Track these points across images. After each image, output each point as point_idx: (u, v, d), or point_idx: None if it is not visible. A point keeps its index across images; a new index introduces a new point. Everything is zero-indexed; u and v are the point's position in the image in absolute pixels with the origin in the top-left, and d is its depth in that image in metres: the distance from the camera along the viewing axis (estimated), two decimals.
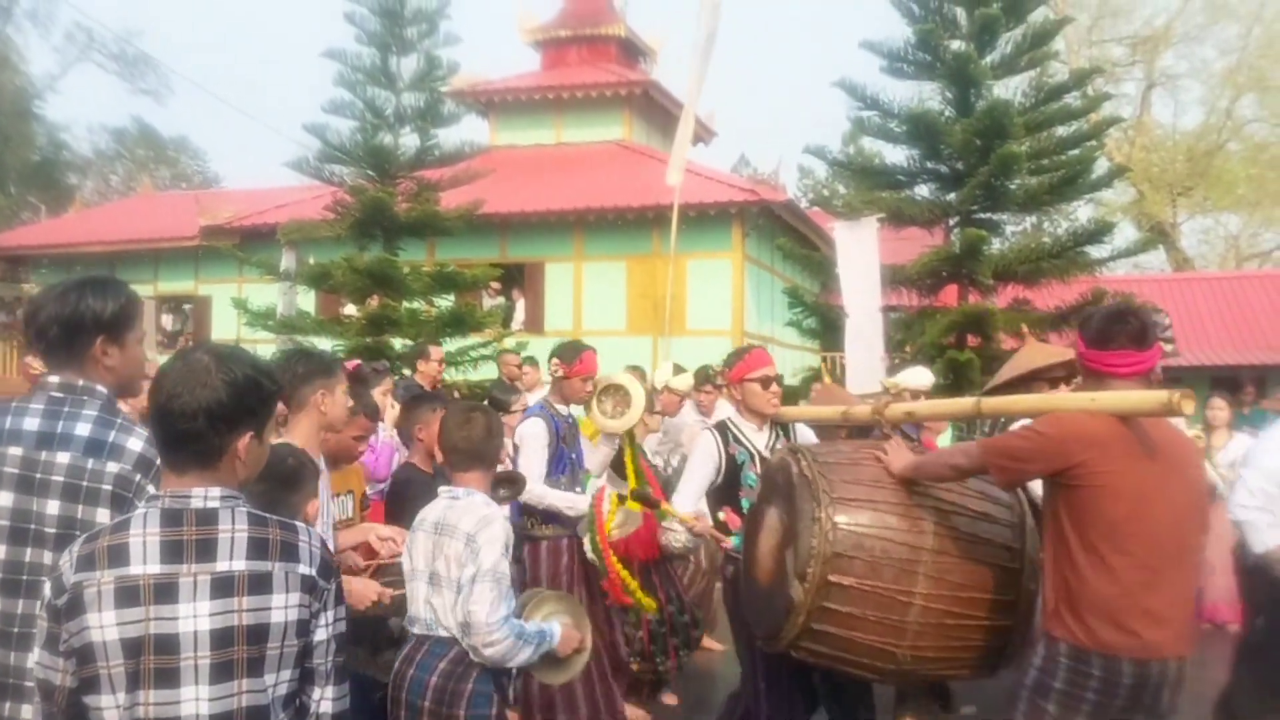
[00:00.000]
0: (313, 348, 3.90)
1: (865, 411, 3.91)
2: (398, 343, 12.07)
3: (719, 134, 22.50)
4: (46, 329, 2.34)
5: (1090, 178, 11.77)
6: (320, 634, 1.93)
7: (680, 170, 5.95)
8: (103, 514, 2.22)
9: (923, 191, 12.00)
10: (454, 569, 3.00)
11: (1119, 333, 2.86)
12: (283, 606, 1.85)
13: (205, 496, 1.86)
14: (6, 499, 2.23)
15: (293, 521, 1.98)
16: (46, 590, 1.84)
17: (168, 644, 1.78)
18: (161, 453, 1.94)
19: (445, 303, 12.89)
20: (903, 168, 11.90)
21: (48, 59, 54.51)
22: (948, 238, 11.58)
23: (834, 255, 10.29)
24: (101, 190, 35.10)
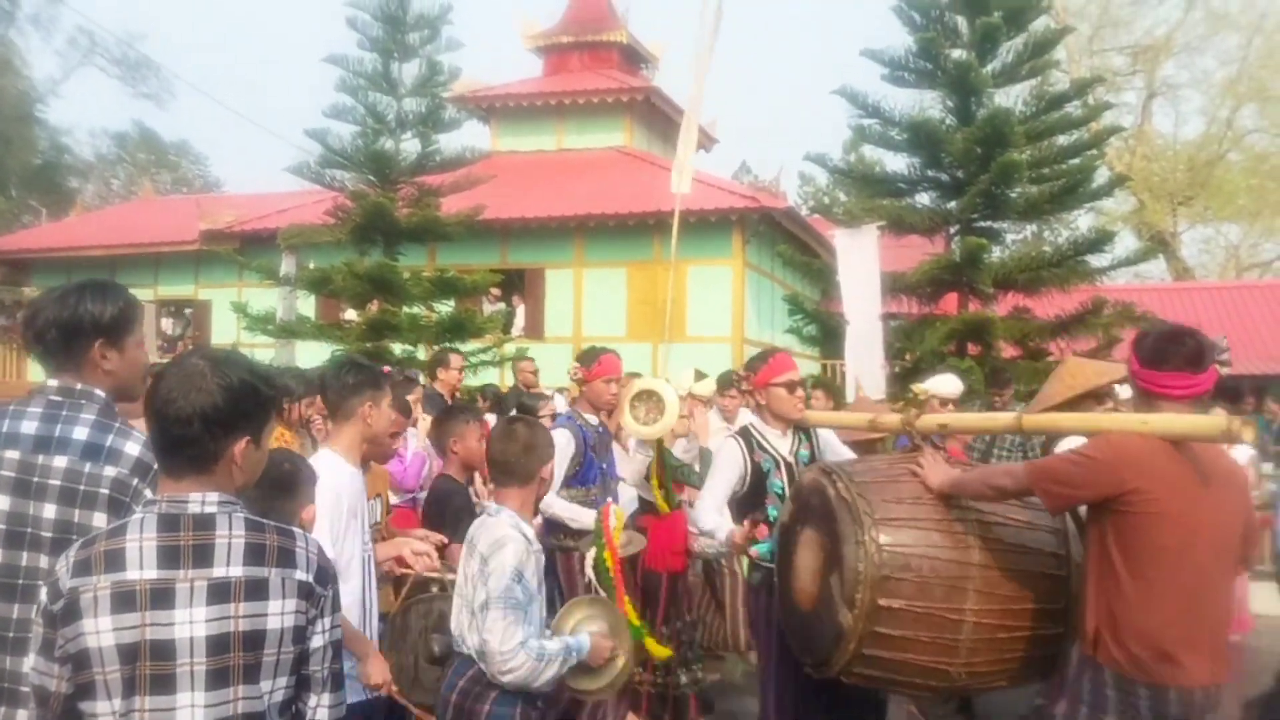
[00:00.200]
0: (362, 359, 3.87)
1: (894, 421, 3.74)
2: (397, 348, 12.07)
3: (720, 141, 22.57)
4: (45, 332, 2.33)
5: (1091, 186, 11.79)
6: (317, 640, 1.91)
7: (688, 179, 5.92)
8: (99, 518, 2.20)
9: (923, 199, 12.03)
10: (469, 588, 2.98)
11: (1174, 354, 2.78)
12: (279, 613, 1.84)
13: (202, 502, 1.85)
14: (3, 503, 2.22)
15: (290, 527, 1.97)
16: (42, 595, 1.83)
17: (164, 650, 1.77)
18: (158, 457, 1.93)
19: (445, 308, 12.91)
20: (903, 176, 11.92)
21: (50, 63, 54.61)
22: (948, 246, 11.60)
23: (834, 262, 10.29)
24: (102, 194, 35.11)
